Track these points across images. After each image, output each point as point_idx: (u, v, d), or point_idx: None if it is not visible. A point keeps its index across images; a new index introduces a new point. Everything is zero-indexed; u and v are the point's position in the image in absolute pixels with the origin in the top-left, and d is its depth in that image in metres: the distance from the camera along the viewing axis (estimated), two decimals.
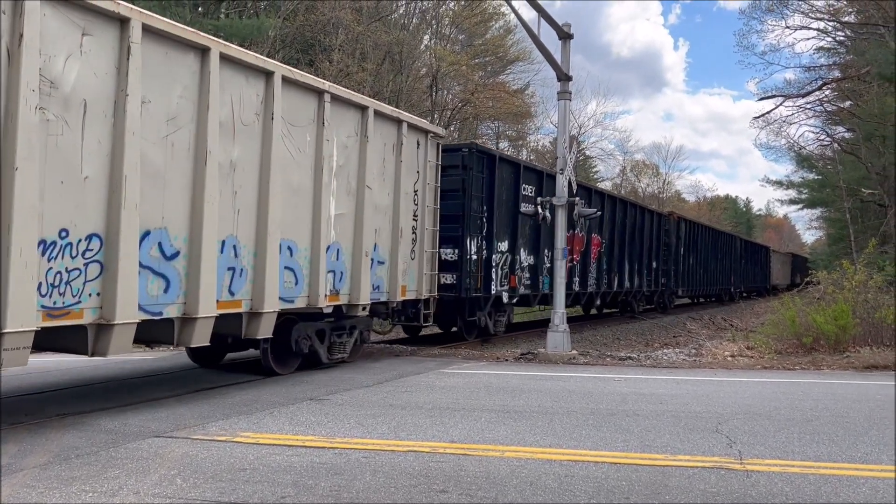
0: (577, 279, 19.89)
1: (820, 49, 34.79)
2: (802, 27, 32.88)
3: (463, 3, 36.11)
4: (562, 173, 14.12)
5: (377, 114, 11.37)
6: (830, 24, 32.73)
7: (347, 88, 11.93)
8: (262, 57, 9.34)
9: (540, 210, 14.50)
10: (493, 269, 15.59)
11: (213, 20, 25.27)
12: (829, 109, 36.08)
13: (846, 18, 31.91)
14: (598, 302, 22.53)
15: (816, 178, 42.07)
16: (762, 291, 50.54)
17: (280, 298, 9.43)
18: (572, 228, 17.67)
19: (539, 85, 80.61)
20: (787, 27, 32.87)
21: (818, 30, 33.20)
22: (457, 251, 14.57)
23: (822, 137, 39.38)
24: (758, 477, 5.40)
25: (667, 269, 27.87)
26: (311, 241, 10.09)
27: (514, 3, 14.35)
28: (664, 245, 27.49)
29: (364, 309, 11.29)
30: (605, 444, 6.41)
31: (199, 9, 25.64)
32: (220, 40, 8.65)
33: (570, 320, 14.65)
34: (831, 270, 18.07)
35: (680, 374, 11.48)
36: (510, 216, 16.40)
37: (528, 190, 17.01)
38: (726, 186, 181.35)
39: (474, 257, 14.90)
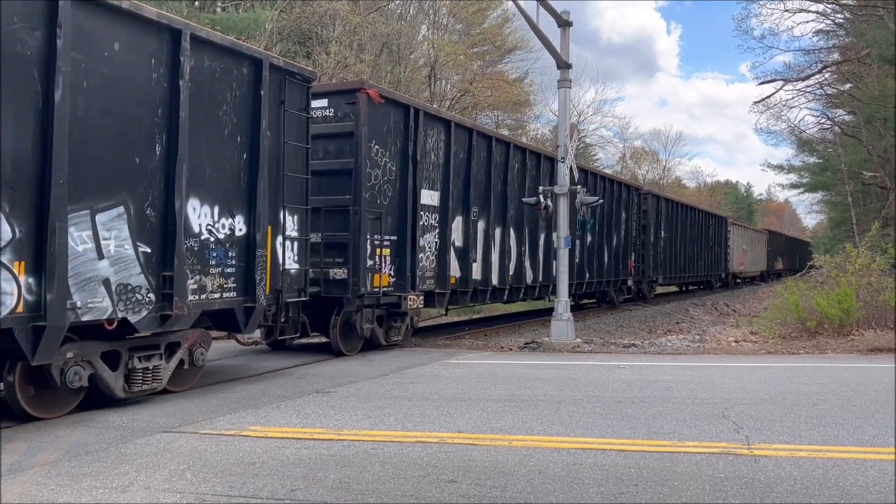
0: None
1: (819, 32, 34.59)
2: (801, 10, 32.68)
3: None
4: (563, 161, 14.11)
5: None
6: (829, 6, 32.54)
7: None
8: None
9: (542, 199, 14.47)
10: None
11: (210, 14, 25.18)
12: (829, 92, 35.94)
13: (845, 0, 31.72)
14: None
15: (817, 161, 41.92)
16: (712, 284, 37.64)
17: None
18: None
19: (538, 73, 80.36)
20: (786, 10, 32.67)
21: (817, 12, 32.99)
22: None
23: (823, 121, 39.23)
24: (765, 462, 5.41)
25: (397, 241, 12.43)
26: None
27: None
28: (394, 189, 12.33)
29: None
30: (612, 432, 6.42)
31: (196, 3, 25.55)
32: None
33: None
34: (834, 254, 18.04)
35: (684, 360, 11.50)
36: None
37: None
38: (725, 171, 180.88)
39: None
